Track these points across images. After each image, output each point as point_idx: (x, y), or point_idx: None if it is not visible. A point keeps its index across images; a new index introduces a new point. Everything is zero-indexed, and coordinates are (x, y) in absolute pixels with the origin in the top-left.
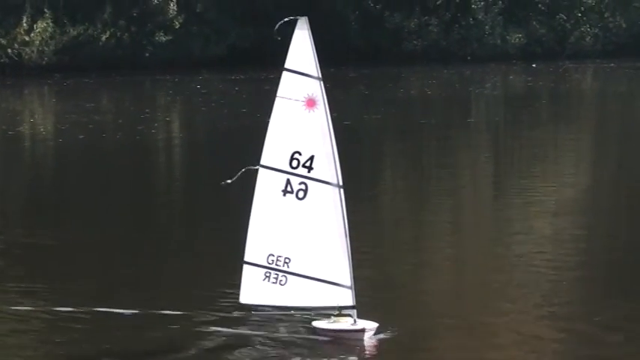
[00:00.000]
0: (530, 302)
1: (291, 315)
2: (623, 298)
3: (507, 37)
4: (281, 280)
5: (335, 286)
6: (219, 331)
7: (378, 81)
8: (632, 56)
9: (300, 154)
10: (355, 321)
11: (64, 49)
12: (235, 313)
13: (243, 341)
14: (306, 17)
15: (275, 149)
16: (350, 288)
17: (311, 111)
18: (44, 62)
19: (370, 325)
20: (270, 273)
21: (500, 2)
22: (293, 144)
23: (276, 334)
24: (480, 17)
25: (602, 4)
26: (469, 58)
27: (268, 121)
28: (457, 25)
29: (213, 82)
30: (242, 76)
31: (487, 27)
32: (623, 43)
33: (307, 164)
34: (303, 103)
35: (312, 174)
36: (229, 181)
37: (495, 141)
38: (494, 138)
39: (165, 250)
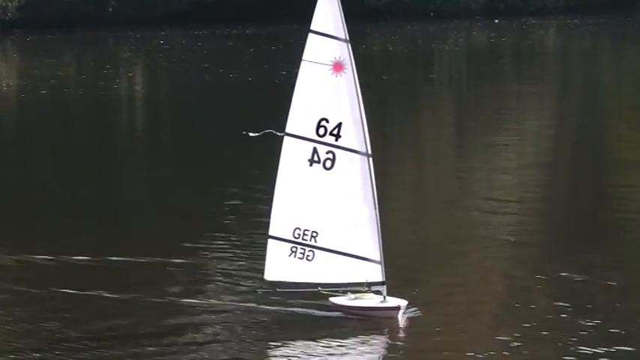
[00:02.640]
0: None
1: (319, 292)
2: (583, 248)
3: None
4: (308, 256)
5: (364, 261)
6: (242, 309)
7: None
8: (594, 12)
9: (327, 121)
10: (385, 298)
11: (28, 5)
12: (260, 291)
13: (268, 320)
14: None
15: (301, 116)
16: (379, 263)
17: (338, 75)
18: (7, 18)
19: (402, 303)
20: (296, 248)
21: None
22: (320, 111)
23: (302, 312)
24: None
25: None
26: (432, 14)
27: (231, 76)
28: None
29: (176, 38)
30: (204, 32)
31: None
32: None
33: (335, 132)
34: (330, 67)
35: (339, 142)
36: (252, 134)
37: (457, 96)
38: (456, 93)
39: (163, 214)
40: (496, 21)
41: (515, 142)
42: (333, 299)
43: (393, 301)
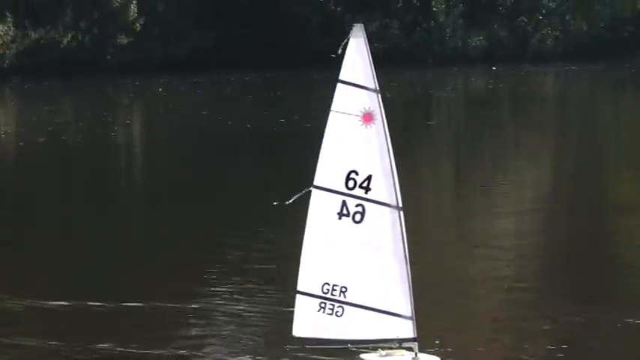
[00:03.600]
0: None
1: (348, 349)
2: (579, 291)
3: (468, 39)
4: (337, 311)
5: (395, 317)
6: None
7: None
8: (593, 59)
9: (356, 173)
10: (416, 354)
11: (26, 52)
12: (288, 348)
13: None
14: (362, 24)
15: (330, 168)
16: (411, 319)
17: (368, 126)
18: (5, 65)
19: None
20: (325, 303)
21: (461, 5)
22: (349, 162)
23: None
24: (441, 20)
25: (563, 6)
26: (430, 60)
27: (229, 123)
28: (418, 28)
29: (174, 85)
30: (203, 79)
31: (448, 29)
32: (584, 46)
33: (364, 184)
34: (360, 118)
35: (369, 195)
36: (289, 201)
37: (456, 144)
38: (454, 141)
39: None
40: (494, 68)
41: (512, 190)
42: (363, 356)
43: (424, 358)
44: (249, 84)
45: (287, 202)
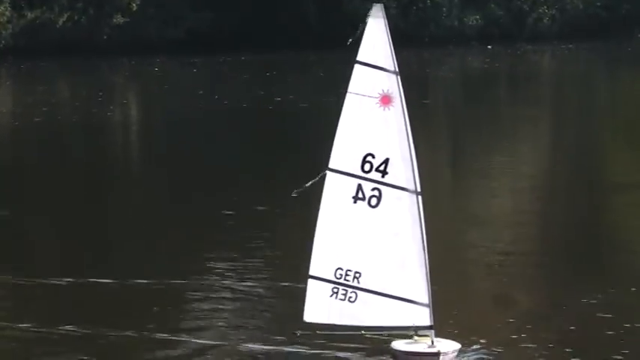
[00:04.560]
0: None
1: (361, 336)
2: (574, 272)
3: (465, 19)
4: (350, 297)
5: (410, 304)
6: (279, 353)
7: (335, 63)
8: (589, 38)
9: (373, 156)
10: (433, 342)
11: (22, 32)
12: (299, 333)
13: None
14: (382, 4)
15: (345, 151)
16: (427, 306)
17: (386, 109)
18: (1, 45)
19: (450, 347)
20: (338, 289)
21: None
22: (365, 145)
23: (344, 356)
24: None
25: None
26: (427, 39)
27: (225, 103)
28: (415, 7)
29: (170, 65)
30: (199, 59)
31: (445, 9)
32: (580, 25)
33: (381, 168)
34: (378, 99)
35: (386, 179)
36: (307, 185)
37: (452, 122)
38: (450, 119)
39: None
40: (489, 47)
41: (509, 168)
42: (393, 343)
43: (440, 346)
44: (245, 64)
45: (296, 192)
